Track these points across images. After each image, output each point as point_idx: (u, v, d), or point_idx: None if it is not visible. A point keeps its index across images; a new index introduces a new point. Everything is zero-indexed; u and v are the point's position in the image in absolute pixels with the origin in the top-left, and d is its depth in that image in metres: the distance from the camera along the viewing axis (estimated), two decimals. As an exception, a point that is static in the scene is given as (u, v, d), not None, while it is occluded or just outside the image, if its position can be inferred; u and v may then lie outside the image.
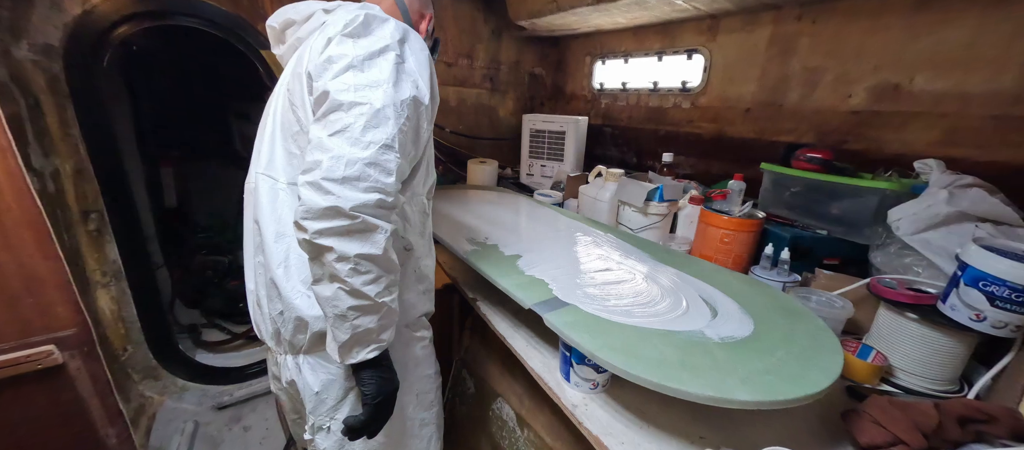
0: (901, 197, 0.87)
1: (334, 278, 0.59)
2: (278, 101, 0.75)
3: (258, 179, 0.75)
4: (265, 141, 0.76)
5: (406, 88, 0.63)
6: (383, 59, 0.62)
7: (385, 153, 0.59)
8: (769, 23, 1.26)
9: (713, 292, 0.79)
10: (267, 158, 0.74)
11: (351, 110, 0.59)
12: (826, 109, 1.18)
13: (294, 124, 0.70)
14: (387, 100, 0.60)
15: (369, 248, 0.59)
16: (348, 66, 0.61)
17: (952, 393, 0.70)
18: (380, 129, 0.59)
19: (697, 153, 1.54)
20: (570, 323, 0.66)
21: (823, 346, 0.61)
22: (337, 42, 0.63)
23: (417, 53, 0.66)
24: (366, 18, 0.64)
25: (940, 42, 0.98)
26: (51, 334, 0.76)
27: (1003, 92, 0.91)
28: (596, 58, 1.87)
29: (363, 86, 0.60)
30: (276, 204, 0.72)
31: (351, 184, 0.57)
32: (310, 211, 0.56)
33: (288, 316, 0.71)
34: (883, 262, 0.86)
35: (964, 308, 0.65)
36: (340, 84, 0.60)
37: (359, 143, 0.58)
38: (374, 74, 0.61)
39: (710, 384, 0.52)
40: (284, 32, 0.80)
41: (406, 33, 0.66)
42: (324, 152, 0.57)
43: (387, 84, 0.61)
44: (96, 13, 1.17)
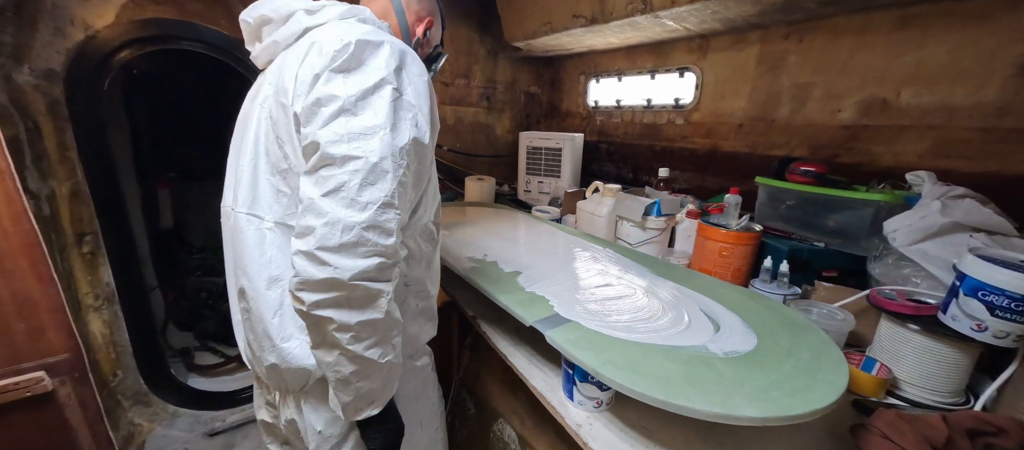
0: (895, 209, 0.89)
1: (335, 346, 0.55)
2: (260, 127, 0.66)
3: (239, 219, 0.67)
4: (246, 172, 0.67)
5: (405, 130, 0.57)
6: (378, 98, 0.56)
7: (384, 212, 0.54)
8: (757, 42, 1.30)
9: (714, 306, 0.79)
10: (249, 194, 0.66)
11: (345, 165, 0.53)
12: (817, 124, 1.20)
13: (282, 160, 0.63)
14: (384, 151, 0.54)
15: (371, 314, 0.55)
16: (339, 111, 0.54)
17: (958, 405, 0.70)
18: (378, 186, 0.54)
19: (692, 168, 1.56)
20: (572, 340, 0.65)
21: (827, 359, 0.61)
22: (325, 80, 0.56)
23: (416, 80, 0.60)
24: (358, 47, 0.57)
25: (922, 58, 1.01)
26: (41, 360, 0.74)
27: (987, 104, 0.94)
28: (590, 77, 1.91)
29: (357, 135, 0.54)
30: (264, 247, 0.65)
31: (348, 252, 0.52)
32: (306, 283, 0.52)
33: (287, 367, 0.66)
34: (881, 273, 0.86)
35: (965, 318, 0.65)
36: (331, 134, 0.54)
37: (355, 205, 0.52)
38: (369, 118, 0.55)
39: (716, 401, 0.51)
40: (260, 29, 0.71)
41: (403, 56, 0.60)
42: (317, 216, 0.52)
43: (384, 130, 0.55)
44: (98, 38, 1.19)
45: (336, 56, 0.57)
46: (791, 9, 1.09)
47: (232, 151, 0.73)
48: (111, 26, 1.19)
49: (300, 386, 0.68)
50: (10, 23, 1.05)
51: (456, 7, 1.79)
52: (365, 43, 0.58)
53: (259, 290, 0.65)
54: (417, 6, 0.78)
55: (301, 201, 0.55)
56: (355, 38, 0.57)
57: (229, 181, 0.72)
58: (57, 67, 1.14)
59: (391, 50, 0.59)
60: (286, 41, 0.67)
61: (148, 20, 1.23)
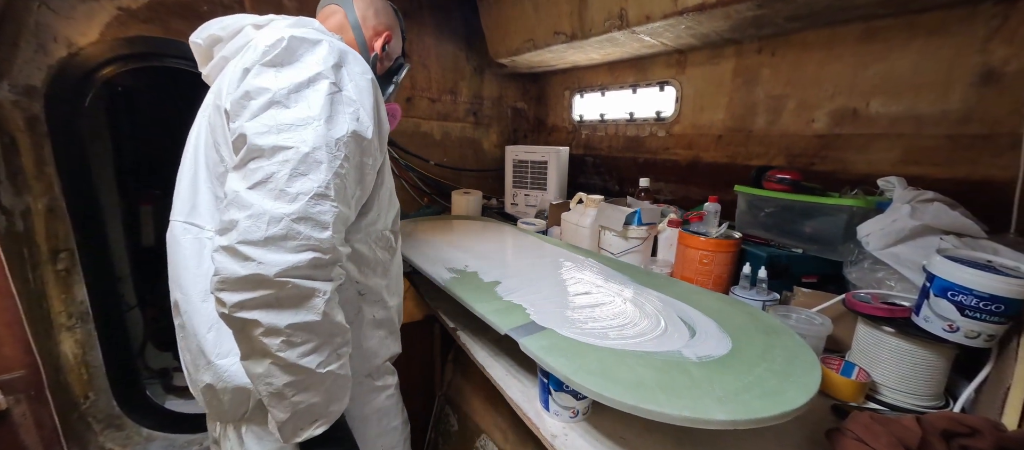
0: (868, 214, 0.90)
1: (264, 354, 0.50)
2: (200, 136, 0.65)
3: (175, 228, 0.64)
4: (185, 182, 0.65)
5: (343, 123, 0.54)
6: (313, 90, 0.53)
7: (318, 204, 0.50)
8: (732, 56, 1.34)
9: (692, 312, 0.78)
10: (188, 203, 0.64)
11: (274, 156, 0.50)
12: (792, 133, 1.23)
13: (219, 164, 0.61)
14: (318, 141, 0.51)
15: (304, 315, 0.50)
16: (269, 103, 0.52)
17: (937, 408, 0.69)
18: (310, 177, 0.50)
19: (675, 179, 1.58)
20: (546, 347, 0.64)
21: (801, 363, 0.61)
22: (255, 73, 0.54)
23: (357, 78, 0.57)
24: (290, 42, 0.54)
25: (888, 69, 1.04)
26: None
27: (952, 112, 0.97)
28: (574, 92, 1.94)
29: (288, 126, 0.51)
30: (202, 257, 0.62)
31: (276, 246, 0.48)
32: (227, 281, 0.48)
33: (224, 388, 0.60)
34: (857, 277, 0.87)
35: (936, 319, 0.65)
36: (259, 125, 0.51)
37: (284, 196, 0.49)
38: (302, 111, 0.52)
39: (687, 405, 0.50)
40: (211, 49, 0.69)
41: (343, 56, 0.57)
42: (242, 209, 0.48)
43: (318, 121, 0.52)
44: (82, 55, 1.19)
45: (268, 51, 0.54)
46: (761, 24, 1.13)
47: (178, 173, 0.70)
48: (95, 43, 1.20)
49: (240, 412, 0.63)
50: (-9, 40, 1.06)
51: (442, 25, 1.83)
52: (300, 40, 0.55)
53: (193, 303, 0.61)
54: (374, 21, 0.75)
55: (225, 195, 0.50)
56: (289, 34, 0.55)
57: (173, 202, 0.68)
58: (38, 83, 1.14)
59: (329, 48, 0.56)
60: (233, 55, 0.66)
61: (132, 38, 1.24)
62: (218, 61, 0.68)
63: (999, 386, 0.62)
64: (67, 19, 1.15)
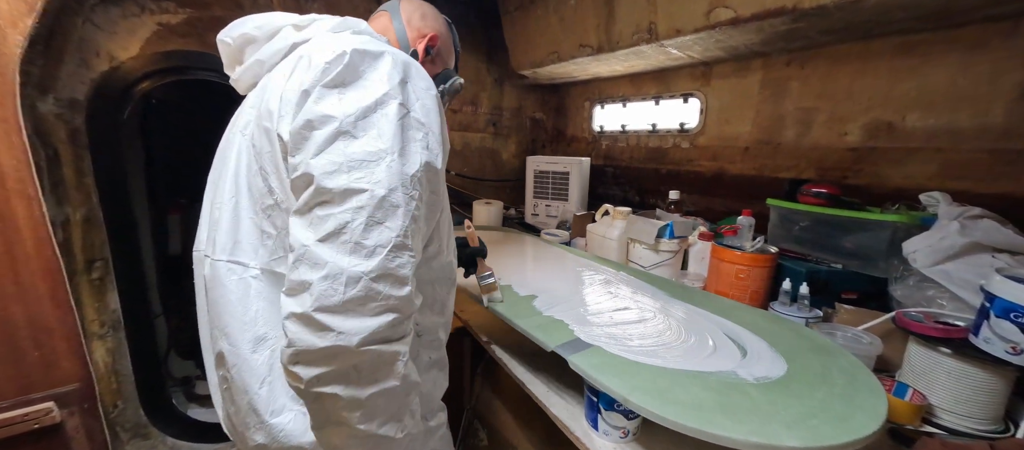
0: (911, 230, 0.88)
1: (341, 424, 0.46)
2: (240, 158, 0.58)
3: (217, 268, 0.57)
4: (225, 211, 0.57)
5: (416, 154, 0.48)
6: (382, 116, 0.47)
7: (396, 256, 0.45)
8: (759, 69, 1.33)
9: (737, 329, 0.77)
10: (229, 237, 0.56)
11: (346, 202, 0.44)
12: (823, 146, 1.22)
13: (266, 195, 0.54)
14: (393, 180, 0.46)
15: (385, 383, 0.46)
16: (336, 134, 0.46)
17: (998, 433, 0.67)
18: (387, 225, 0.45)
19: (699, 190, 1.57)
20: (596, 365, 0.64)
21: (863, 385, 0.59)
22: (317, 97, 0.48)
23: (423, 95, 0.52)
24: (353, 57, 0.49)
25: (925, 83, 1.03)
26: (52, 390, 0.72)
27: (993, 127, 0.95)
28: (595, 103, 1.95)
29: (358, 162, 0.45)
30: (249, 301, 0.55)
31: (355, 311, 0.43)
32: (303, 354, 0.43)
33: (279, 447, 0.55)
34: (904, 295, 0.85)
35: (998, 341, 0.64)
36: (326, 163, 0.45)
37: (361, 250, 0.43)
38: (372, 142, 0.46)
39: (754, 429, 0.49)
40: (242, 50, 0.62)
41: (408, 67, 0.52)
42: (314, 268, 0.43)
43: (391, 155, 0.46)
44: (122, 69, 1.22)
45: (328, 69, 0.48)
46: (793, 38, 1.12)
47: (209, 187, 0.64)
48: (135, 58, 1.23)
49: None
50: (39, 56, 1.09)
51: (465, 39, 1.85)
52: (362, 53, 0.49)
53: (242, 354, 0.54)
54: (420, 24, 0.70)
55: (291, 249, 0.45)
56: (351, 47, 0.49)
57: (203, 221, 0.62)
58: (81, 97, 1.18)
59: (393, 61, 0.50)
60: (271, 60, 0.59)
61: (170, 51, 1.27)
62: (251, 65, 0.61)
63: (1068, 412, 0.60)
64: (110, 34, 1.19)
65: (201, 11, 1.28)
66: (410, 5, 0.72)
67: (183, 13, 1.25)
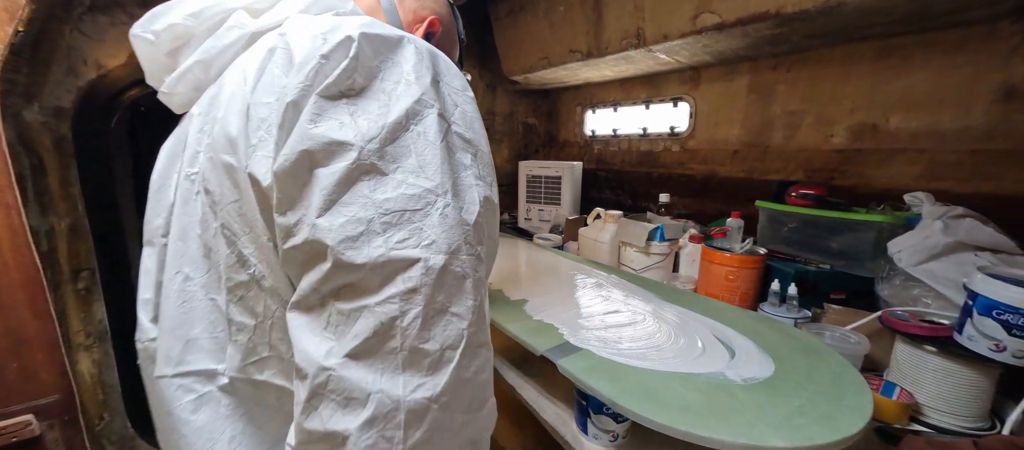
0: (896, 229, 0.89)
1: None
2: (188, 212, 0.40)
3: (162, 388, 0.40)
4: (171, 296, 0.40)
5: (472, 188, 0.35)
6: (419, 135, 0.33)
7: (473, 359, 0.32)
8: (747, 73, 1.35)
9: (726, 331, 0.77)
10: (177, 338, 0.39)
11: (388, 285, 0.30)
12: (810, 148, 1.24)
13: (237, 268, 0.36)
14: (454, 236, 0.31)
15: None
16: (355, 171, 0.31)
17: (984, 430, 0.67)
18: (455, 310, 0.31)
19: (690, 193, 1.58)
20: (585, 368, 0.63)
21: (849, 384, 0.59)
22: (314, 112, 0.32)
23: (461, 98, 0.38)
24: (362, 45, 0.33)
25: (907, 86, 1.05)
26: (31, 402, 0.71)
27: (974, 128, 0.97)
28: (586, 108, 1.96)
29: (397, 213, 0.30)
30: (215, 428, 0.38)
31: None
32: None
33: None
34: (890, 294, 0.86)
35: (982, 338, 0.64)
36: (347, 222, 0.30)
37: (420, 362, 0.29)
38: (411, 178, 0.31)
39: (742, 431, 0.49)
40: (173, 52, 0.43)
41: (436, 59, 0.37)
42: (348, 407, 0.28)
43: (444, 197, 0.32)
44: (110, 77, 1.22)
45: (325, 66, 0.32)
46: (778, 42, 1.14)
47: (145, 251, 0.45)
48: (123, 65, 1.22)
49: None
50: (25, 64, 1.08)
51: (456, 45, 1.87)
52: (375, 39, 0.34)
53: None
54: (415, 3, 0.53)
55: (299, 373, 0.29)
56: (359, 32, 0.33)
57: (144, 304, 0.45)
58: (67, 105, 1.16)
59: (417, 51, 0.35)
60: (220, 59, 0.41)
61: (159, 60, 1.27)
62: (189, 71, 0.42)
63: (1051, 407, 0.61)
64: (98, 42, 1.18)
65: (190, 19, 1.28)
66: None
67: (172, 21, 1.25)
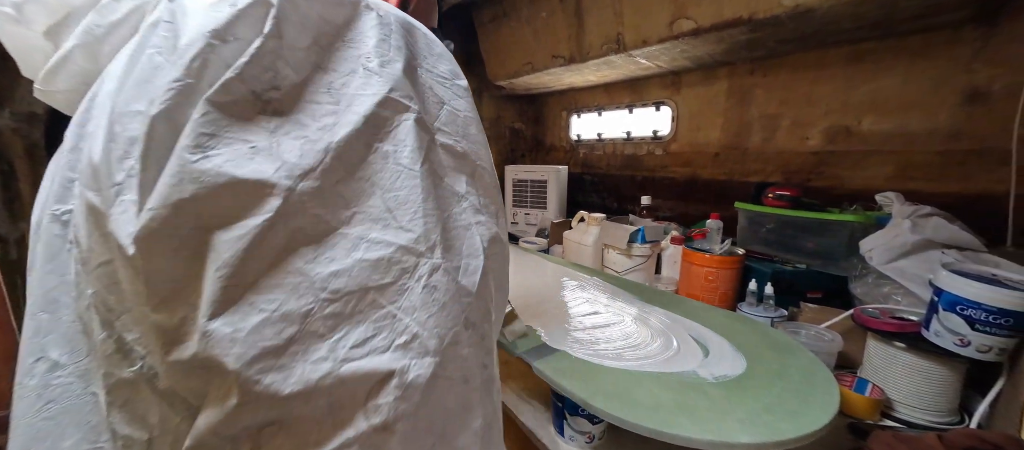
0: (868, 229, 0.91)
1: None
2: (60, 272, 0.27)
3: None
4: (28, 400, 0.26)
5: (470, 224, 0.25)
6: (387, 154, 0.22)
7: None
8: (725, 77, 1.38)
9: (703, 330, 0.78)
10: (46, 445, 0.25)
11: (339, 431, 0.19)
12: (787, 151, 1.26)
13: (119, 363, 0.22)
14: (450, 323, 0.21)
15: None
16: (276, 232, 0.19)
17: (953, 424, 0.69)
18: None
19: (674, 196, 1.60)
20: (560, 370, 0.63)
21: (818, 381, 0.60)
22: (197, 131, 0.19)
23: (451, 94, 0.29)
24: (284, 8, 0.21)
25: (877, 89, 1.08)
26: (-13, 415, 0.68)
27: (940, 129, 1.00)
28: (572, 112, 1.98)
29: (351, 301, 0.19)
30: None
31: None
32: None
33: None
34: (863, 292, 0.87)
35: (947, 334, 0.66)
36: (262, 326, 0.18)
37: None
38: (376, 232, 0.21)
39: (709, 427, 0.49)
40: (56, 33, 0.29)
41: (411, 36, 0.27)
42: None
43: (431, 256, 0.22)
44: (84, 83, 1.20)
45: (216, 51, 0.20)
46: (754, 47, 1.17)
47: (26, 322, 0.29)
48: (98, 71, 1.21)
49: None
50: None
51: (442, 50, 1.87)
52: (315, 4, 0.23)
53: None
54: None
55: None
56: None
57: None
58: (39, 111, 1.14)
59: (380, 22, 0.25)
60: (111, 43, 0.27)
61: (137, 65, 1.25)
62: (70, 61, 0.30)
63: (1014, 401, 0.62)
64: (72, 47, 1.16)
65: (169, 24, 1.27)
66: None
67: (150, 25, 1.24)
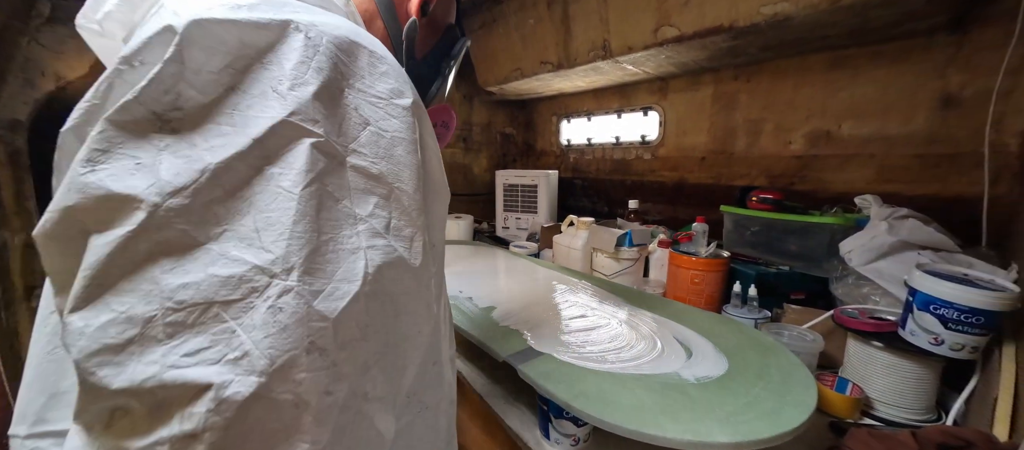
0: (848, 231, 0.93)
1: None
2: None
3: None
4: (40, 343, 0.35)
5: (351, 257, 0.24)
6: (268, 182, 0.23)
7: None
8: (710, 83, 1.41)
9: (687, 333, 0.79)
10: (42, 391, 0.33)
11: (156, 428, 0.20)
12: (771, 155, 1.28)
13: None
14: (288, 345, 0.21)
15: None
16: (138, 242, 0.21)
17: (931, 421, 0.70)
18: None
19: (663, 200, 1.62)
20: (544, 373, 0.64)
21: (796, 381, 0.61)
22: (92, 147, 0.22)
23: (381, 114, 0.28)
24: (190, 35, 0.23)
25: (856, 94, 1.11)
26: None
27: (917, 133, 1.03)
28: (562, 117, 2.00)
29: (194, 313, 0.21)
30: None
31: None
32: None
33: None
34: (843, 293, 0.89)
35: (922, 333, 0.67)
36: (108, 325, 0.20)
37: None
38: (236, 249, 0.22)
39: (689, 428, 0.50)
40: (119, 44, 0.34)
41: (345, 56, 0.27)
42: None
43: (283, 279, 0.22)
44: (71, 89, 1.19)
45: (122, 75, 0.24)
46: (736, 54, 1.19)
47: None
48: (85, 77, 1.20)
49: None
50: (-23, 76, 1.05)
51: (432, 56, 1.89)
52: (232, 29, 0.23)
53: None
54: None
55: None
56: (192, 18, 0.23)
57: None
58: (23, 117, 1.13)
59: (305, 45, 0.25)
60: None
61: (123, 71, 1.25)
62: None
63: (987, 397, 0.64)
64: (57, 54, 1.15)
65: (157, 30, 1.26)
66: None
67: (137, 32, 1.23)
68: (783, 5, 0.90)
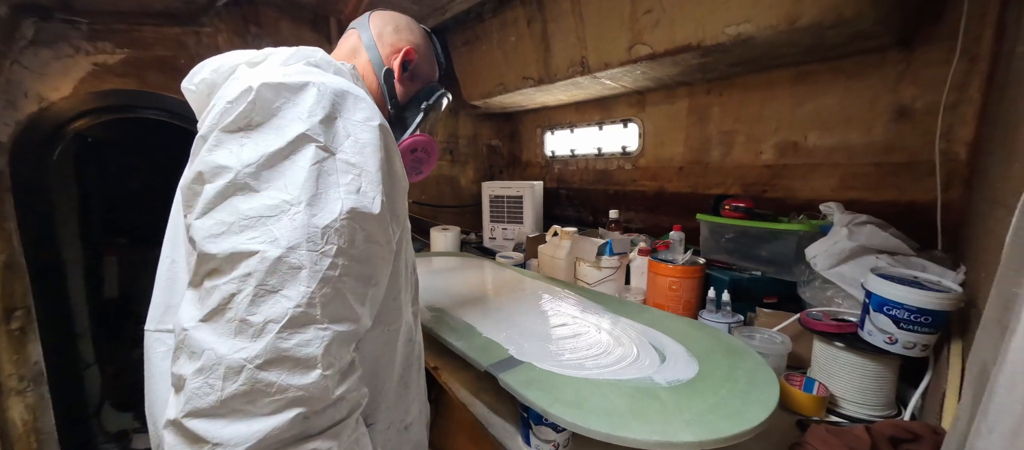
0: (814, 237, 0.98)
1: None
2: (177, 214, 0.55)
3: (149, 341, 0.53)
4: (162, 273, 0.54)
5: (334, 200, 0.40)
6: (292, 162, 0.40)
7: (296, 333, 0.36)
8: (685, 96, 1.47)
9: (662, 338, 0.82)
10: (162, 301, 0.53)
11: (233, 269, 0.37)
12: (744, 164, 1.34)
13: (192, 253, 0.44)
14: (295, 236, 0.38)
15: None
16: (230, 188, 0.39)
17: (891, 416, 0.74)
18: (284, 293, 0.37)
19: (644, 209, 1.67)
20: (524, 381, 0.66)
21: (761, 381, 0.65)
22: (213, 143, 0.41)
23: (358, 130, 0.44)
24: (261, 93, 0.41)
25: (819, 107, 1.17)
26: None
27: (876, 143, 1.09)
28: (546, 129, 2.05)
29: (254, 220, 0.38)
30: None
31: (238, 413, 0.34)
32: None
33: None
34: (810, 296, 0.93)
35: (878, 333, 0.72)
36: (214, 224, 0.38)
37: (246, 330, 0.35)
38: (275, 193, 0.39)
39: (657, 429, 0.53)
40: (210, 98, 0.54)
41: (338, 102, 0.44)
42: (191, 358, 0.35)
43: (297, 207, 0.39)
44: (53, 110, 1.19)
45: (229, 109, 0.41)
46: (707, 70, 1.25)
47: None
48: (67, 98, 1.20)
49: None
50: (-43, 98, 1.05)
51: (418, 72, 1.92)
52: (277, 87, 0.42)
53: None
54: (393, 37, 0.65)
55: (175, 329, 0.38)
56: (260, 82, 0.41)
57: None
58: (4, 139, 1.13)
59: (317, 94, 0.43)
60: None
61: (107, 91, 1.25)
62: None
63: (937, 392, 0.68)
64: (40, 75, 1.16)
65: (141, 51, 1.28)
66: (381, 19, 0.66)
67: (121, 53, 1.25)
68: (745, 26, 0.96)
